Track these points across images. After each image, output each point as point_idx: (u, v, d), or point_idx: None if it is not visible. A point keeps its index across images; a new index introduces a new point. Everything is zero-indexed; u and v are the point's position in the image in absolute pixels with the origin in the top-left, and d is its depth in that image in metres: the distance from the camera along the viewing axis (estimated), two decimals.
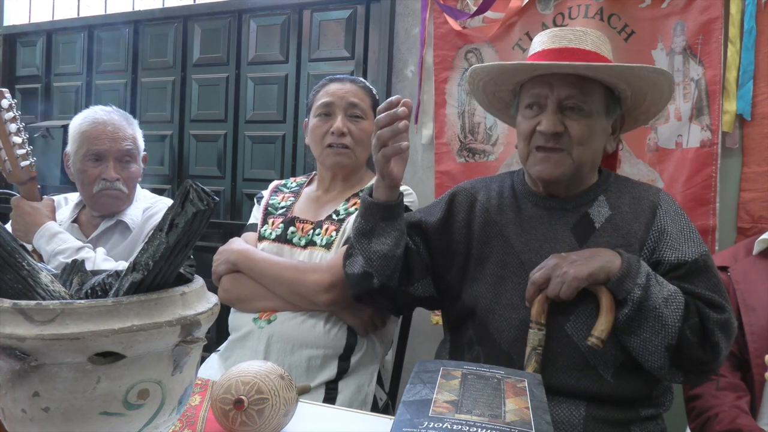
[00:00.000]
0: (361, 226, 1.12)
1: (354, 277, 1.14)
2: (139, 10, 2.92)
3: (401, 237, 1.12)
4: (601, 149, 1.12)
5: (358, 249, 1.12)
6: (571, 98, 1.06)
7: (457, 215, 1.20)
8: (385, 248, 1.10)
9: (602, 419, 1.01)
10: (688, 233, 1.07)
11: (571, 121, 1.06)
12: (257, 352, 1.26)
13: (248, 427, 0.75)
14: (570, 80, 1.06)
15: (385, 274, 1.11)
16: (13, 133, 1.36)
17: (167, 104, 2.84)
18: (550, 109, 1.07)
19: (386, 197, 1.09)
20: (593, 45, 1.09)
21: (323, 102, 1.38)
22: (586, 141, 1.07)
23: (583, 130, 1.06)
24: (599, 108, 1.08)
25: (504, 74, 1.14)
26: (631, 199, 1.11)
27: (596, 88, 1.08)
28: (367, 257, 1.11)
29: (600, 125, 1.09)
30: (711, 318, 0.98)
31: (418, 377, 0.74)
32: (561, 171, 1.08)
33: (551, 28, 1.14)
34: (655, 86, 1.10)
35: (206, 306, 0.58)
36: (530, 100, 1.11)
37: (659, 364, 0.98)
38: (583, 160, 1.08)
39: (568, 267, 0.98)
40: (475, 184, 1.26)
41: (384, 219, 1.09)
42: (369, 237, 1.10)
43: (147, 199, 1.61)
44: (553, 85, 1.07)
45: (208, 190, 0.54)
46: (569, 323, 1.03)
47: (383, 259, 1.10)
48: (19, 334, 0.48)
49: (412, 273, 1.17)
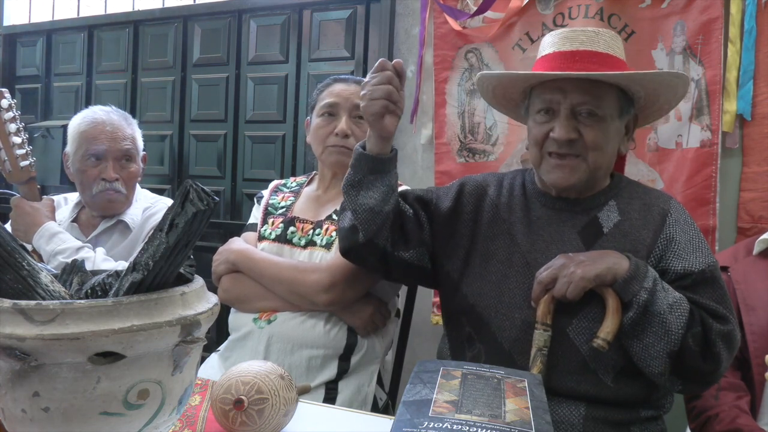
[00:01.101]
0: (349, 176, 1.12)
1: (342, 230, 1.15)
2: (139, 10, 2.92)
3: (390, 193, 1.11)
4: (614, 152, 1.11)
5: (346, 200, 1.13)
6: (585, 104, 1.04)
7: (465, 206, 1.19)
8: (372, 202, 1.09)
9: (602, 419, 1.01)
10: (697, 243, 1.06)
11: (585, 127, 1.05)
12: (257, 353, 1.25)
13: (248, 427, 0.75)
14: (583, 86, 1.04)
15: (371, 229, 1.10)
16: (12, 133, 1.36)
17: (167, 104, 2.84)
18: (563, 115, 1.05)
19: (378, 149, 1.09)
20: (606, 46, 1.07)
21: (327, 102, 1.38)
22: (600, 146, 1.06)
23: (597, 136, 1.05)
24: (613, 111, 1.07)
25: (514, 80, 1.13)
26: (642, 205, 1.10)
27: (609, 90, 1.06)
28: (353, 209, 1.11)
29: (614, 128, 1.08)
30: (714, 328, 0.97)
31: (418, 377, 0.74)
32: (577, 178, 1.07)
33: (562, 29, 1.12)
34: (669, 87, 1.09)
35: (206, 306, 0.58)
36: (542, 105, 1.09)
37: (659, 370, 0.97)
38: (598, 165, 1.07)
39: (575, 267, 0.98)
40: (486, 178, 1.25)
41: (372, 172, 1.09)
42: (357, 189, 1.10)
43: (147, 199, 1.61)
44: (566, 90, 1.05)
45: (208, 190, 0.54)
46: (571, 327, 1.02)
47: (369, 213, 1.09)
48: (19, 334, 0.48)
49: (407, 239, 1.16)
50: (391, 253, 1.14)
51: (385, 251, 1.13)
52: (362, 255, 1.15)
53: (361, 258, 1.16)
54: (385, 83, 1.04)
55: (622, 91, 1.08)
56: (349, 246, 1.14)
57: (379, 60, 1.07)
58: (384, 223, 1.11)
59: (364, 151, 1.10)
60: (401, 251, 1.15)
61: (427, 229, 1.18)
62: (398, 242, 1.15)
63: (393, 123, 1.07)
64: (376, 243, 1.12)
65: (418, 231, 1.17)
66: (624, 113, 1.10)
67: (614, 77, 1.03)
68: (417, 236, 1.16)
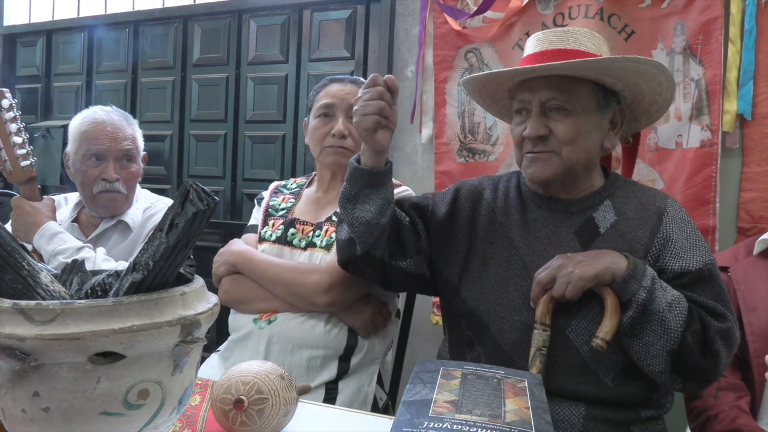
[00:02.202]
0: (345, 190, 1.12)
1: (340, 243, 1.15)
2: (139, 10, 2.92)
3: (386, 206, 1.11)
4: (595, 147, 1.10)
5: (342, 214, 1.13)
6: (553, 99, 1.06)
7: (461, 211, 1.19)
8: (368, 215, 1.09)
9: (602, 419, 1.01)
10: (694, 242, 1.06)
11: (556, 122, 1.06)
12: (257, 353, 1.25)
13: (248, 427, 0.75)
14: (551, 81, 1.06)
15: (368, 241, 1.11)
16: (13, 133, 1.36)
17: (167, 104, 2.84)
18: (534, 113, 1.07)
19: (372, 163, 1.09)
20: (576, 43, 1.08)
21: (324, 103, 1.37)
22: (573, 140, 1.06)
23: (568, 130, 1.06)
24: (586, 105, 1.07)
25: (489, 83, 1.15)
26: (638, 204, 1.10)
27: (581, 85, 1.06)
28: (350, 223, 1.11)
29: (590, 122, 1.08)
30: (712, 326, 0.97)
31: (418, 377, 0.74)
32: (551, 171, 1.07)
33: (540, 31, 1.14)
34: (645, 77, 1.08)
35: (206, 306, 0.58)
36: (517, 106, 1.12)
37: (660, 369, 0.97)
38: (574, 160, 1.07)
39: (573, 267, 0.98)
40: (482, 181, 1.25)
41: (368, 185, 1.10)
42: (353, 202, 1.11)
43: (147, 199, 1.61)
44: (534, 89, 1.07)
45: (208, 190, 0.54)
46: (571, 328, 1.02)
47: (365, 226, 1.10)
48: (19, 334, 0.48)
49: (405, 249, 1.16)
50: (389, 263, 1.15)
51: (383, 262, 1.14)
52: (360, 266, 1.15)
53: (359, 269, 1.16)
54: (376, 98, 1.05)
55: (597, 86, 1.08)
56: (347, 258, 1.15)
57: (371, 76, 1.07)
58: (381, 235, 1.11)
59: (359, 165, 1.10)
60: (399, 261, 1.16)
61: (424, 237, 1.18)
62: (396, 252, 1.15)
63: (386, 137, 1.07)
64: (373, 255, 1.12)
65: (415, 239, 1.17)
66: (603, 107, 1.09)
67: (562, 67, 1.03)
68: (414, 245, 1.17)
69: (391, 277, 1.17)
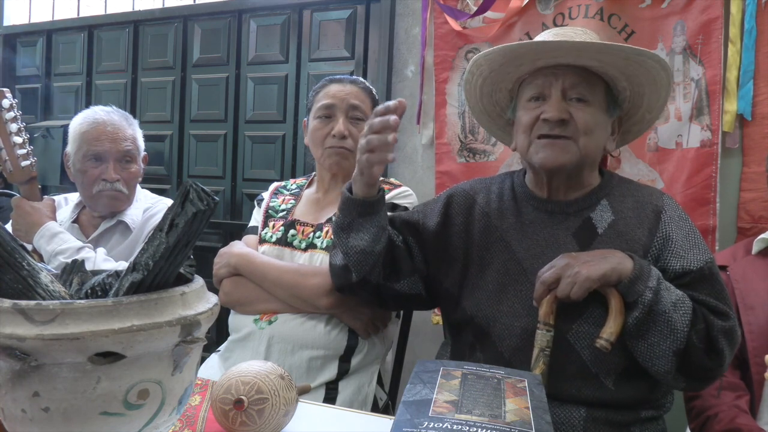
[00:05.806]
0: (339, 220, 1.11)
1: (334, 269, 1.15)
2: (139, 10, 2.92)
3: (381, 233, 1.10)
4: (602, 145, 1.11)
5: (336, 242, 1.13)
6: (576, 87, 1.05)
7: (455, 219, 1.18)
8: (363, 244, 1.09)
9: (603, 420, 1.01)
10: (693, 240, 1.05)
11: (577, 110, 1.05)
12: (258, 353, 1.25)
13: (248, 427, 0.75)
14: (575, 70, 1.06)
15: (363, 269, 1.10)
16: (13, 133, 1.36)
17: (167, 104, 2.84)
18: (555, 97, 1.06)
19: (364, 193, 1.08)
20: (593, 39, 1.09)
21: (324, 104, 1.37)
22: (591, 130, 1.06)
23: (588, 120, 1.05)
24: (601, 102, 1.08)
25: (506, 65, 1.12)
26: (635, 203, 1.09)
27: (598, 82, 1.08)
28: (345, 252, 1.11)
29: (603, 119, 1.09)
30: (715, 325, 0.97)
31: (418, 377, 0.74)
32: (567, 157, 1.05)
33: (552, 28, 1.14)
34: (654, 83, 1.09)
35: (206, 306, 0.58)
36: (533, 91, 1.09)
37: (666, 369, 0.97)
38: (588, 151, 1.07)
39: (580, 267, 0.96)
40: (474, 185, 1.24)
41: (361, 215, 1.08)
42: (347, 231, 1.10)
43: (147, 199, 1.61)
44: (558, 74, 1.06)
45: (208, 190, 0.54)
46: (571, 332, 1.02)
47: (360, 255, 1.09)
48: (19, 334, 0.48)
49: (399, 270, 1.16)
50: (384, 285, 1.15)
51: (378, 285, 1.14)
52: (356, 291, 1.16)
53: (354, 293, 1.17)
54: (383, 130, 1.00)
55: (609, 88, 1.09)
56: (342, 284, 1.16)
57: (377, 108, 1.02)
58: (376, 262, 1.11)
59: (351, 195, 1.09)
60: (393, 283, 1.16)
61: (418, 255, 1.18)
62: (390, 275, 1.16)
63: (380, 170, 1.06)
64: (369, 280, 1.12)
65: (410, 260, 1.17)
66: (611, 110, 1.11)
67: (610, 47, 1.02)
68: (409, 266, 1.17)
69: (386, 298, 1.18)
